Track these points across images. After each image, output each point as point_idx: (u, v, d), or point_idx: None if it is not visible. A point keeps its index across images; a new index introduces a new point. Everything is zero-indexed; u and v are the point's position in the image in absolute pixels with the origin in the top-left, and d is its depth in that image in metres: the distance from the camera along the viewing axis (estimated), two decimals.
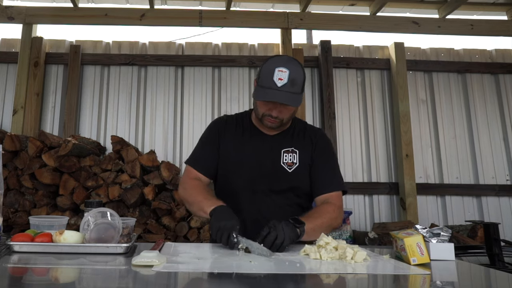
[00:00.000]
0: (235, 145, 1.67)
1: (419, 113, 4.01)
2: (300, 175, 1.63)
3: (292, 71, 1.48)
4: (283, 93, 1.47)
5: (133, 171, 3.12)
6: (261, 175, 1.61)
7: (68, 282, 1.06)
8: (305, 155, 1.65)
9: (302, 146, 1.67)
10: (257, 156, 1.64)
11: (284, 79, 1.46)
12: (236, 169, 1.64)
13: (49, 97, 3.86)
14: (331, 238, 1.30)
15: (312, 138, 1.70)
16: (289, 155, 1.64)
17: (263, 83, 1.51)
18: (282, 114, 1.55)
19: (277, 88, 1.47)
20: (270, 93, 1.48)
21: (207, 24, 3.93)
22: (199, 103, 3.92)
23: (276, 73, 1.47)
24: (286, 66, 1.48)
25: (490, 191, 3.86)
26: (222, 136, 1.69)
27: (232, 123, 1.72)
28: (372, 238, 3.20)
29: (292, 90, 1.48)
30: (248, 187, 1.61)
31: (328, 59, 3.96)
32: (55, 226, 1.45)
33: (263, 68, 1.53)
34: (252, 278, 1.04)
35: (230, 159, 1.65)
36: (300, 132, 1.71)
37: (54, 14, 3.83)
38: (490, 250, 2.64)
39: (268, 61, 1.54)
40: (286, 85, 1.47)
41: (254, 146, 1.66)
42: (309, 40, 9.28)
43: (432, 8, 4.03)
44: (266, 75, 1.50)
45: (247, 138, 1.68)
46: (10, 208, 3.03)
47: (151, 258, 1.09)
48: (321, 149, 1.68)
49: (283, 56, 1.60)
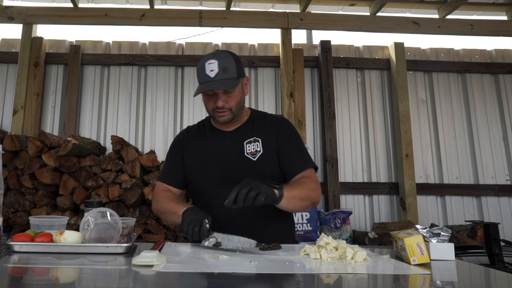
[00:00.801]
0: (198, 149, 1.71)
1: (419, 113, 4.01)
2: (266, 162, 1.64)
3: (221, 60, 1.55)
4: (217, 81, 1.53)
5: (133, 171, 3.12)
6: (228, 171, 1.63)
7: (68, 282, 1.06)
8: (268, 141, 1.67)
9: (264, 133, 1.68)
10: (221, 153, 1.67)
11: (215, 69, 1.53)
12: (203, 170, 1.67)
13: (49, 97, 3.86)
14: (331, 238, 1.31)
15: (273, 124, 1.71)
16: (252, 144, 1.66)
17: (199, 80, 1.59)
18: (228, 103, 1.59)
19: (211, 79, 1.54)
20: (205, 85, 1.55)
21: (207, 24, 3.93)
22: (199, 103, 3.92)
23: (207, 67, 1.54)
24: (214, 57, 1.56)
25: (490, 191, 3.87)
26: (185, 146, 1.74)
27: (193, 131, 1.79)
28: (372, 238, 3.20)
29: (226, 77, 1.54)
30: (218, 185, 1.62)
31: (328, 59, 3.96)
32: (55, 226, 1.45)
33: (197, 68, 1.61)
34: (252, 278, 1.04)
35: (196, 163, 1.69)
36: (260, 121, 1.73)
37: (54, 14, 3.83)
38: (490, 250, 2.64)
39: (199, 61, 1.60)
40: (219, 73, 1.53)
41: (216, 145, 1.69)
42: (309, 40, 9.29)
43: (432, 8, 4.04)
44: (199, 72, 1.58)
45: (209, 139, 1.72)
46: (10, 208, 3.03)
47: (151, 258, 1.09)
48: (285, 133, 1.70)
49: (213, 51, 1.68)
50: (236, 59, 1.59)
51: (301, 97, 3.84)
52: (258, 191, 1.31)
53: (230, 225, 1.43)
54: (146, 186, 3.12)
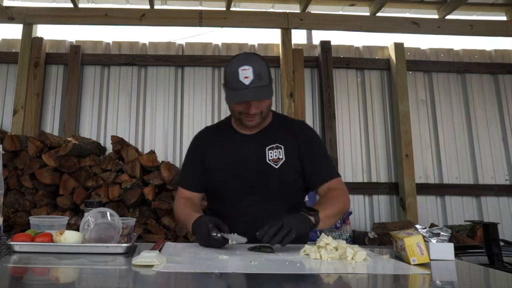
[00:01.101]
0: (218, 152, 1.68)
1: (419, 113, 4.02)
2: (288, 170, 1.63)
3: (255, 66, 1.50)
4: (252, 89, 1.49)
5: (133, 171, 3.12)
6: (249, 176, 1.61)
7: (68, 282, 1.07)
8: (291, 149, 1.65)
9: (286, 141, 1.66)
10: (242, 157, 1.64)
11: (249, 76, 1.48)
12: (223, 175, 1.65)
13: (49, 97, 3.86)
14: (331, 239, 1.31)
15: (296, 132, 1.70)
16: (274, 151, 1.64)
17: (231, 86, 1.53)
18: (260, 108, 1.56)
19: (246, 86, 1.48)
20: (240, 93, 1.50)
21: (207, 24, 3.93)
22: (199, 103, 3.93)
23: (241, 73, 1.48)
24: (248, 63, 1.50)
25: (489, 191, 3.87)
26: (205, 148, 1.71)
27: (212, 132, 1.76)
28: (372, 238, 3.20)
29: (260, 84, 1.50)
30: (239, 190, 1.61)
31: (328, 59, 3.96)
32: (55, 226, 1.45)
33: (227, 72, 1.55)
34: (252, 278, 1.04)
35: (216, 167, 1.66)
36: (281, 126, 1.71)
37: (54, 14, 3.83)
38: (489, 250, 2.64)
39: (229, 64, 1.55)
40: (254, 81, 1.48)
41: (238, 148, 1.66)
42: (309, 40, 9.28)
43: (432, 8, 4.04)
44: (232, 78, 1.51)
45: (230, 142, 1.69)
46: (10, 208, 3.03)
47: (151, 258, 1.09)
48: (308, 141, 1.68)
49: (242, 54, 1.60)
50: (266, 64, 1.56)
51: (301, 97, 3.84)
52: (289, 228, 1.30)
53: (250, 229, 1.40)
54: (146, 186, 3.12)
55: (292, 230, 1.30)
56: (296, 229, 1.31)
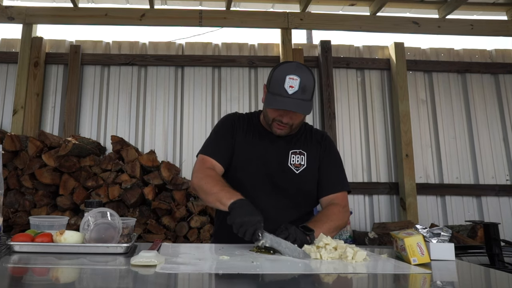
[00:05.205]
0: (244, 142, 1.66)
1: (419, 113, 4.01)
2: (307, 177, 1.63)
3: (303, 78, 1.48)
4: (294, 100, 1.47)
5: (133, 171, 3.12)
6: (268, 175, 1.61)
7: (68, 282, 1.06)
8: (313, 157, 1.66)
9: (310, 148, 1.67)
10: (265, 156, 1.63)
11: (295, 86, 1.46)
12: (243, 166, 1.63)
13: (49, 97, 3.86)
14: (330, 239, 1.30)
15: (319, 141, 1.70)
16: (297, 156, 1.64)
17: (274, 90, 1.51)
18: (293, 120, 1.55)
19: (288, 95, 1.47)
20: (281, 101, 1.48)
21: (207, 24, 3.93)
22: (199, 103, 3.92)
23: (287, 81, 1.47)
24: (297, 73, 1.48)
25: (490, 191, 3.86)
26: (237, 129, 1.68)
27: (242, 120, 1.72)
28: (372, 238, 3.20)
29: (303, 97, 1.48)
30: (254, 186, 1.60)
31: (328, 59, 3.96)
32: (55, 226, 1.44)
33: (274, 75, 1.53)
34: (253, 278, 1.03)
35: (239, 155, 1.65)
36: (307, 134, 1.71)
37: (54, 14, 3.83)
38: (490, 250, 2.64)
39: (278, 68, 1.54)
40: (297, 92, 1.47)
41: (263, 146, 1.65)
42: (309, 40, 9.28)
43: (432, 8, 4.04)
44: (277, 82, 1.50)
45: (256, 137, 1.67)
46: (10, 208, 3.03)
47: (150, 258, 1.09)
48: (328, 151, 1.69)
49: (293, 62, 1.58)
50: (314, 80, 1.54)
51: None
52: (294, 239, 1.31)
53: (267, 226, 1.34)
54: (146, 186, 3.12)
55: (296, 240, 1.31)
56: (300, 240, 1.32)
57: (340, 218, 1.57)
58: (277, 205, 1.59)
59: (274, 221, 1.44)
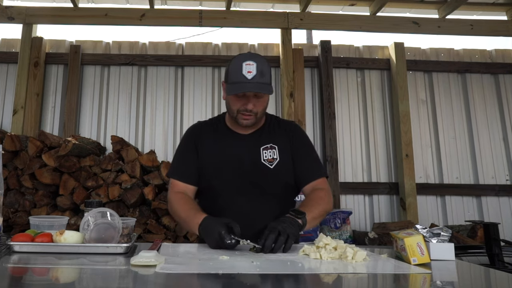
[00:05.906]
0: (213, 149, 1.67)
1: (419, 113, 4.01)
2: (283, 170, 1.64)
3: (259, 63, 1.53)
4: (254, 84, 1.51)
5: (133, 171, 3.12)
6: (244, 177, 1.61)
7: (68, 282, 1.06)
8: (284, 149, 1.66)
9: (280, 140, 1.68)
10: (237, 157, 1.63)
11: (253, 71, 1.51)
12: (217, 172, 1.63)
13: (49, 97, 3.86)
14: (330, 239, 1.31)
15: (288, 132, 1.71)
16: (268, 151, 1.64)
17: (233, 79, 1.54)
18: (257, 107, 1.58)
19: (248, 80, 1.51)
20: (242, 86, 1.52)
21: (207, 24, 3.93)
22: (199, 103, 3.93)
23: (244, 67, 1.51)
24: (252, 59, 1.54)
25: (490, 191, 3.86)
26: (199, 142, 1.68)
27: (207, 128, 1.74)
28: (372, 238, 3.20)
29: (262, 81, 1.52)
30: (232, 190, 1.60)
31: (328, 59, 3.96)
32: (55, 226, 1.45)
33: (230, 67, 1.58)
34: (253, 278, 1.03)
35: (210, 163, 1.65)
36: (275, 126, 1.72)
37: (54, 14, 3.83)
38: (490, 250, 2.64)
39: (233, 60, 1.58)
40: (256, 76, 1.51)
41: (232, 147, 1.66)
42: (309, 40, 9.28)
43: (432, 8, 4.04)
44: (234, 72, 1.54)
45: (224, 141, 1.68)
46: (10, 208, 3.03)
47: (150, 258, 1.09)
48: (299, 140, 1.71)
49: (246, 52, 1.64)
50: (269, 65, 1.59)
51: (301, 97, 3.84)
52: (287, 236, 1.31)
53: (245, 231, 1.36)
54: (146, 186, 3.12)
55: (290, 237, 1.32)
56: (293, 235, 1.34)
57: (328, 202, 1.61)
58: (258, 203, 1.59)
59: (259, 220, 1.46)
